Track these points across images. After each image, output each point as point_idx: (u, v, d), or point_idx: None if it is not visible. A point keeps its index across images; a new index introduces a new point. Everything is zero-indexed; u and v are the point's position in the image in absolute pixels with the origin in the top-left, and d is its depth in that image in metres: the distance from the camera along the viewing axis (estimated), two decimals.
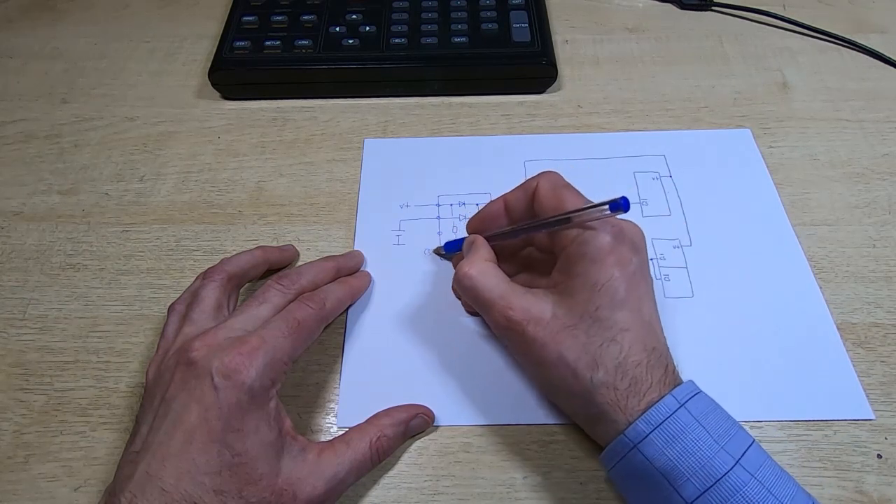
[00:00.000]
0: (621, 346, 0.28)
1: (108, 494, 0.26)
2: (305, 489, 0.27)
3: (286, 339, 0.29)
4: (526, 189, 0.32)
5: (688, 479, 0.25)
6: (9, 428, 0.33)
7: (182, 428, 0.26)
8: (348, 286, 0.36)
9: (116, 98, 0.50)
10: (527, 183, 0.33)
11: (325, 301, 0.32)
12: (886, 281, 0.38)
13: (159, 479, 0.25)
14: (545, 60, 0.47)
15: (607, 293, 0.28)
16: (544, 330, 0.29)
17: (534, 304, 0.29)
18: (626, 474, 0.28)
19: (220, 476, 0.25)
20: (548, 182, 0.32)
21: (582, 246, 0.29)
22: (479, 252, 0.32)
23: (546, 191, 0.31)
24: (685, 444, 0.26)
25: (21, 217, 0.42)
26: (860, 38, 0.52)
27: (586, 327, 0.28)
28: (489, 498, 0.31)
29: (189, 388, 0.27)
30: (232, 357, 0.27)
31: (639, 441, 0.26)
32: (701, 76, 0.50)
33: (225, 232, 0.41)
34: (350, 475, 0.29)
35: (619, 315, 0.28)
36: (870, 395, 0.33)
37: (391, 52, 0.48)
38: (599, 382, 0.27)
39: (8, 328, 0.37)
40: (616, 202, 0.27)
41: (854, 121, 0.46)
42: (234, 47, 0.48)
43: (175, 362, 0.28)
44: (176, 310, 0.32)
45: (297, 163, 0.45)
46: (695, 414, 0.26)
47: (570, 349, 0.28)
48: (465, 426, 0.33)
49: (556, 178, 0.32)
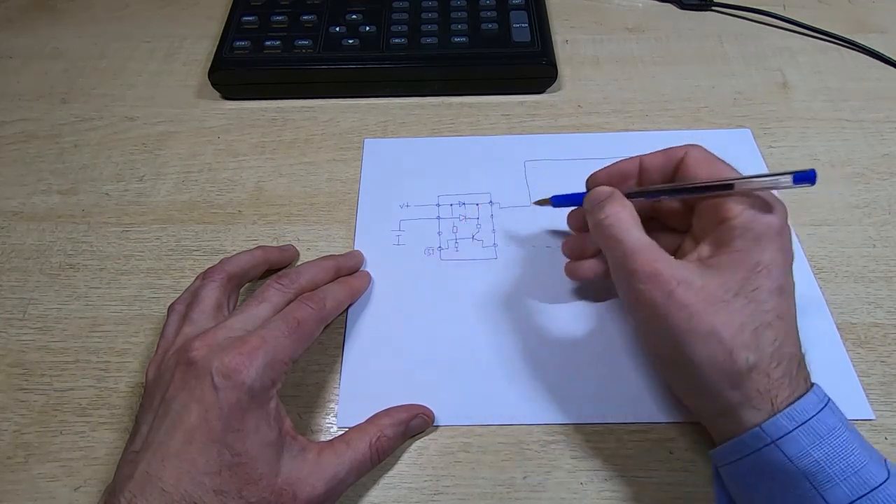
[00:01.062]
0: (777, 332, 0.26)
1: (107, 494, 0.26)
2: (305, 489, 0.27)
3: (286, 339, 0.29)
4: (669, 155, 0.31)
5: (837, 484, 0.24)
6: (9, 428, 0.33)
7: (182, 428, 0.26)
8: (348, 286, 0.36)
9: (116, 98, 0.50)
10: (671, 150, 0.31)
11: (326, 301, 0.32)
12: (886, 281, 0.38)
13: (159, 479, 0.25)
14: (545, 60, 0.47)
15: (770, 276, 0.26)
16: (696, 296, 0.26)
17: (681, 267, 0.27)
18: (750, 472, 0.26)
19: (219, 476, 0.25)
20: (699, 151, 0.30)
21: (749, 220, 0.27)
22: (623, 201, 0.30)
23: (699, 158, 0.30)
24: (835, 446, 0.24)
25: (21, 217, 0.42)
26: (860, 38, 0.52)
27: (741, 306, 0.26)
28: (489, 498, 0.31)
29: (189, 388, 0.26)
30: (232, 357, 0.27)
31: (779, 437, 0.25)
32: (701, 76, 0.50)
33: (225, 232, 0.41)
34: (350, 475, 0.29)
35: (777, 301, 0.26)
36: (870, 395, 0.33)
37: (391, 52, 0.48)
38: (754, 365, 0.25)
39: (8, 328, 0.37)
40: (804, 173, 0.24)
41: (854, 121, 0.46)
42: (234, 47, 0.48)
43: (175, 362, 0.28)
44: (176, 310, 0.32)
45: (297, 163, 0.45)
46: (838, 416, 0.25)
47: (726, 325, 0.26)
48: (465, 426, 0.33)
49: (705, 150, 0.31)
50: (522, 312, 0.37)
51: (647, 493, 0.31)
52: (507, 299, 0.37)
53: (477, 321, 0.36)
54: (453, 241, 0.40)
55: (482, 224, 0.41)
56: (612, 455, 0.32)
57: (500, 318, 0.36)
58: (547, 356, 0.35)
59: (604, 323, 0.36)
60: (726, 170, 0.29)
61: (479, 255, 0.39)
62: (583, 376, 0.34)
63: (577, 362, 0.35)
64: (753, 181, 0.27)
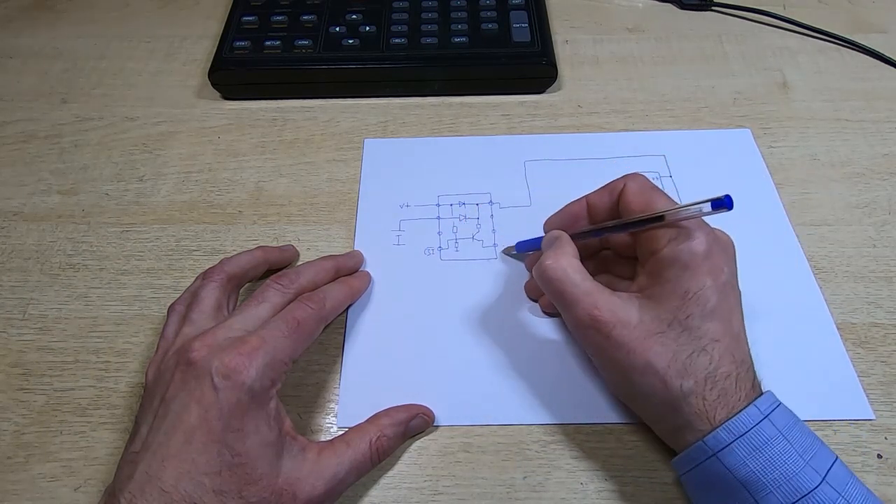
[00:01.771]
0: (711, 356, 0.27)
1: (107, 495, 0.26)
2: (305, 489, 0.27)
3: (286, 339, 0.29)
4: (611, 190, 0.32)
5: (770, 492, 0.25)
6: (9, 428, 0.33)
7: (182, 428, 0.26)
8: (348, 286, 0.36)
9: (116, 98, 0.50)
10: (612, 184, 0.32)
11: (325, 301, 0.32)
12: (886, 281, 0.38)
13: (159, 480, 0.25)
14: (545, 60, 0.47)
15: (699, 302, 0.28)
16: (631, 334, 0.28)
17: (620, 306, 0.29)
18: (700, 481, 0.27)
19: (219, 476, 0.25)
20: (635, 183, 0.31)
21: (675, 251, 0.28)
22: (564, 247, 0.31)
23: (634, 191, 0.31)
24: (769, 457, 0.25)
25: (21, 217, 0.42)
26: (860, 38, 0.52)
27: (675, 335, 0.28)
28: (489, 498, 0.31)
29: (189, 389, 0.27)
30: (232, 357, 0.27)
31: (719, 450, 0.26)
32: (701, 76, 0.50)
33: (225, 232, 0.41)
34: (350, 475, 0.29)
35: (710, 325, 0.28)
36: (870, 395, 0.33)
37: (391, 52, 0.48)
38: (689, 391, 0.27)
39: (8, 328, 0.37)
40: (719, 200, 0.26)
41: (854, 121, 0.46)
42: (234, 47, 0.48)
43: (175, 363, 0.28)
44: (176, 310, 0.32)
45: (297, 163, 0.45)
46: (779, 426, 0.26)
47: (659, 356, 0.27)
48: (465, 426, 0.33)
49: (643, 179, 0.31)
50: (522, 312, 0.37)
51: (647, 493, 0.31)
52: (507, 299, 0.37)
53: (477, 321, 0.36)
54: (453, 241, 0.40)
55: (482, 224, 0.41)
56: (612, 455, 0.32)
57: (500, 318, 0.36)
58: (547, 356, 0.35)
59: None
60: (661, 199, 0.30)
61: (479, 255, 0.39)
62: (583, 376, 0.34)
63: (578, 362, 0.35)
64: (680, 211, 0.28)
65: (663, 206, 0.29)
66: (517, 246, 0.38)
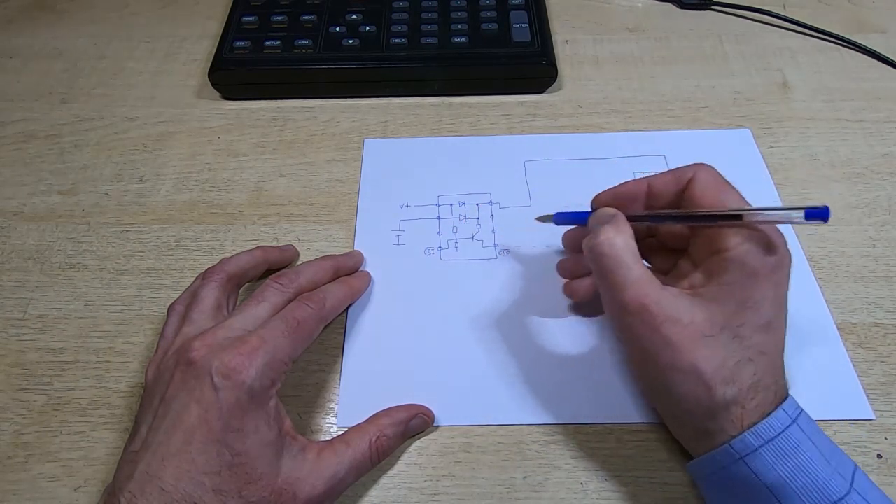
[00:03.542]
0: (756, 367, 0.27)
1: (107, 494, 0.26)
2: (305, 489, 0.27)
3: (286, 339, 0.29)
4: (678, 177, 0.30)
5: (799, 498, 0.25)
6: (9, 428, 0.33)
7: (181, 428, 0.26)
8: (348, 286, 0.36)
9: (116, 98, 0.50)
10: (679, 171, 0.30)
11: (325, 301, 0.32)
12: (886, 281, 0.38)
13: (159, 479, 0.25)
14: (545, 60, 0.47)
15: (757, 312, 0.27)
16: (680, 333, 0.27)
17: (671, 301, 0.27)
18: (722, 485, 0.27)
19: (219, 476, 0.25)
20: (707, 174, 0.29)
21: (744, 254, 0.27)
22: (621, 226, 0.29)
23: (706, 183, 0.29)
24: (798, 462, 0.25)
25: (21, 217, 0.42)
26: (860, 38, 0.52)
27: (725, 341, 0.27)
28: (489, 498, 0.31)
29: (189, 388, 0.27)
30: (232, 357, 0.27)
31: (746, 454, 0.26)
32: (701, 76, 0.50)
33: (225, 232, 0.41)
34: (350, 475, 0.29)
35: (761, 337, 0.27)
36: (870, 395, 0.33)
37: (391, 52, 0.48)
38: (732, 399, 0.26)
39: (8, 328, 0.37)
40: (817, 210, 0.24)
41: (854, 121, 0.46)
42: (234, 47, 0.48)
43: (174, 362, 0.28)
44: (175, 310, 0.32)
45: (297, 163, 0.45)
46: (806, 431, 0.26)
47: (706, 360, 0.26)
48: (465, 426, 0.33)
49: (715, 172, 0.30)
50: (522, 312, 0.37)
51: (647, 493, 0.31)
52: (507, 299, 0.37)
53: (477, 321, 0.36)
54: (453, 241, 0.40)
55: (482, 224, 0.41)
56: (612, 455, 0.32)
57: (500, 318, 0.36)
58: (547, 356, 0.35)
59: (604, 323, 0.36)
60: (733, 195, 0.29)
61: (479, 255, 0.39)
62: (583, 376, 0.34)
63: (577, 362, 0.35)
64: (762, 213, 0.26)
65: (736, 204, 0.28)
66: (556, 216, 0.35)
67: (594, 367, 0.34)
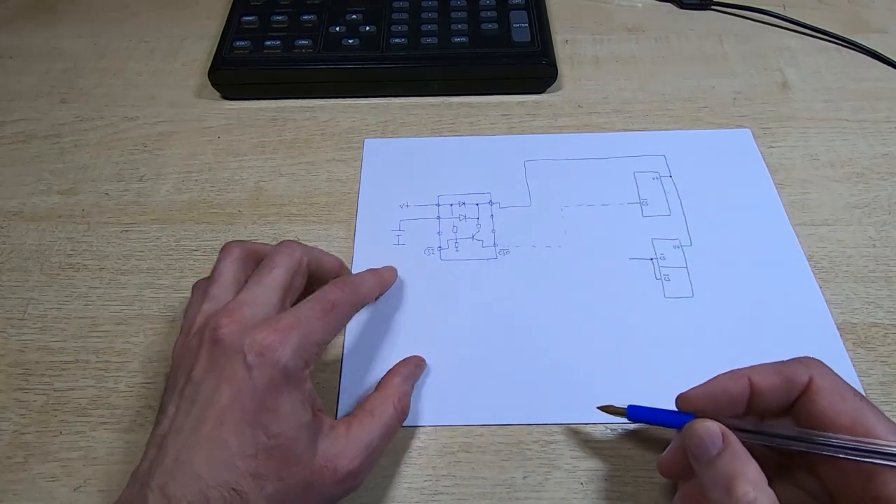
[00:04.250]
0: None
1: (138, 483, 0.25)
2: (344, 463, 0.26)
3: (319, 321, 0.28)
4: (788, 379, 0.25)
5: None
6: (8, 428, 0.33)
7: (212, 410, 0.25)
8: (378, 275, 0.35)
9: (116, 98, 0.50)
10: (786, 370, 0.25)
11: (359, 287, 0.32)
12: (886, 281, 0.38)
13: (191, 464, 0.24)
14: (545, 60, 0.47)
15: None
16: None
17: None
18: None
19: (255, 459, 0.24)
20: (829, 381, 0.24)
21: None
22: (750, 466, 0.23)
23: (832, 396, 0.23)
24: None
25: (21, 217, 0.42)
26: (860, 38, 0.52)
27: None
28: (489, 498, 0.31)
29: (218, 368, 0.25)
30: (266, 334, 0.26)
31: None
32: (701, 76, 0.50)
33: (225, 232, 0.41)
34: (382, 441, 0.29)
35: None
36: (870, 395, 0.33)
37: (391, 52, 0.48)
38: None
39: (8, 328, 0.37)
40: None
41: (854, 121, 0.46)
42: (234, 47, 0.48)
43: (199, 341, 0.27)
44: (199, 287, 0.31)
45: (296, 163, 0.45)
46: None
47: None
48: (465, 426, 0.33)
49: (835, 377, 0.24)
50: (522, 312, 0.37)
51: (647, 493, 0.31)
52: (507, 299, 0.37)
53: (477, 321, 0.36)
54: (453, 241, 0.40)
55: (482, 224, 0.41)
56: (612, 455, 0.32)
57: (499, 318, 0.36)
58: (547, 356, 0.35)
59: (605, 322, 0.36)
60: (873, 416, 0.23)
61: (479, 255, 0.39)
62: (583, 376, 0.34)
63: (577, 362, 0.35)
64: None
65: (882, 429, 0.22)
66: (630, 411, 0.29)
67: (594, 366, 0.34)
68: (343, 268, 0.35)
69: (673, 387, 0.29)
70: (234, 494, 0.24)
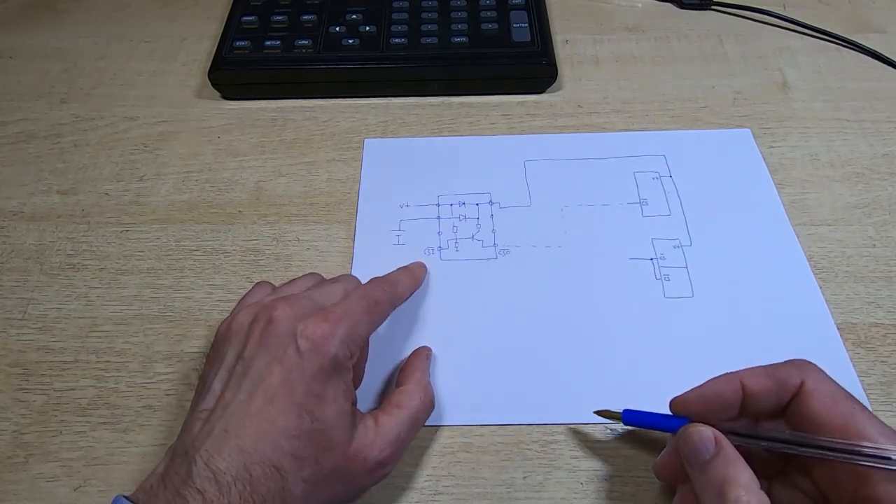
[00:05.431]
0: None
1: (178, 454, 0.25)
2: (373, 454, 0.27)
3: (364, 316, 0.29)
4: (779, 382, 0.25)
5: None
6: (8, 428, 0.33)
7: (263, 387, 0.26)
8: (411, 273, 0.36)
9: (116, 98, 0.50)
10: (779, 373, 0.25)
11: (397, 286, 0.33)
12: (886, 281, 0.38)
13: (238, 438, 0.24)
14: (545, 60, 0.47)
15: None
16: None
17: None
18: None
19: (298, 440, 0.25)
20: (822, 384, 0.24)
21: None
22: (742, 470, 0.23)
23: (824, 399, 0.24)
24: None
25: (21, 217, 0.42)
26: (860, 38, 0.52)
27: None
28: (489, 498, 0.31)
29: (271, 349, 0.27)
30: (318, 324, 0.27)
31: None
32: (701, 76, 0.50)
33: (225, 232, 0.41)
34: (410, 433, 0.30)
35: None
36: (870, 395, 0.33)
37: (391, 52, 0.48)
38: None
39: (8, 328, 0.37)
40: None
41: (854, 121, 0.46)
42: (234, 47, 0.48)
43: (251, 318, 0.28)
44: (264, 283, 0.33)
45: (297, 163, 0.45)
46: None
47: None
48: (465, 426, 0.33)
49: (829, 380, 0.25)
50: (522, 312, 0.37)
51: (647, 493, 0.31)
52: (507, 299, 0.37)
53: (477, 321, 0.36)
54: (453, 241, 0.40)
55: (482, 224, 0.41)
56: (612, 455, 0.32)
57: (499, 318, 0.36)
58: (547, 356, 0.35)
59: (604, 323, 0.36)
60: (864, 417, 0.23)
61: (479, 255, 0.39)
62: (583, 376, 0.34)
63: (577, 362, 0.35)
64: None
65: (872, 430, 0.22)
66: (625, 416, 0.30)
67: (594, 366, 0.34)
68: None
69: (672, 386, 0.29)
70: (275, 472, 0.24)
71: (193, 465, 0.24)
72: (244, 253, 0.40)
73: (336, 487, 0.27)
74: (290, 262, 0.39)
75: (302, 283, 0.33)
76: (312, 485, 0.25)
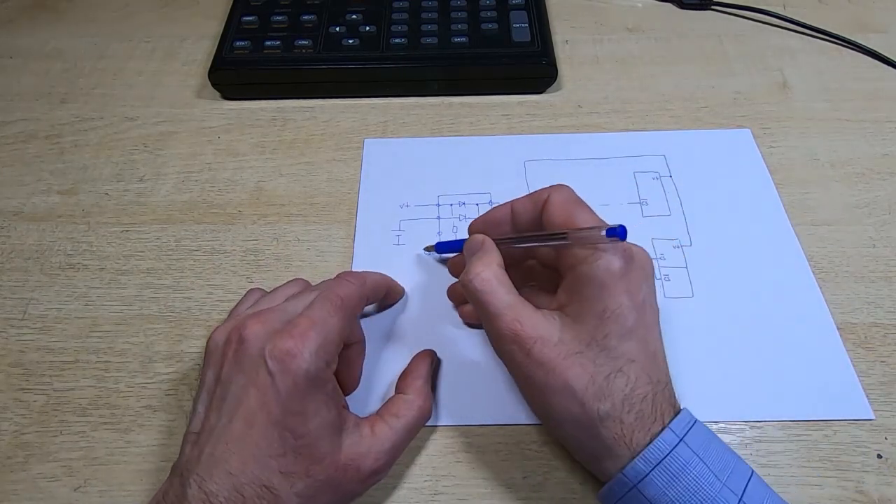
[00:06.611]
0: (628, 377, 0.27)
1: (177, 475, 0.26)
2: (367, 463, 0.27)
3: (333, 318, 0.28)
4: (535, 200, 0.31)
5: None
6: (9, 428, 0.33)
7: (241, 412, 0.26)
8: (382, 274, 0.36)
9: (116, 98, 0.50)
10: (536, 193, 0.31)
11: (366, 279, 0.33)
12: (886, 281, 0.38)
13: (225, 462, 0.25)
14: (545, 60, 0.47)
15: (616, 321, 0.27)
16: (551, 352, 0.27)
17: (541, 322, 0.28)
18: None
19: (285, 458, 0.26)
20: (560, 195, 0.30)
21: (591, 268, 0.27)
22: (491, 255, 0.30)
23: (557, 204, 0.30)
24: (687, 483, 0.25)
25: (21, 217, 0.42)
26: (860, 38, 0.52)
27: (593, 355, 0.27)
28: (489, 498, 0.31)
29: (245, 371, 0.27)
30: (284, 341, 0.26)
31: (638, 481, 0.26)
32: (701, 76, 0.50)
33: (225, 232, 0.41)
34: (406, 440, 0.30)
35: (627, 345, 0.27)
36: (870, 395, 0.33)
37: (391, 52, 0.48)
38: (606, 415, 0.26)
39: (8, 328, 0.37)
40: (613, 229, 0.26)
41: (854, 121, 0.46)
42: (234, 47, 0.48)
43: (226, 338, 0.28)
44: (253, 292, 0.33)
45: (296, 163, 0.45)
46: (694, 448, 0.26)
47: (577, 377, 0.27)
48: (465, 426, 0.33)
49: (568, 192, 0.30)
50: None
51: None
52: None
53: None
54: None
55: None
56: None
57: None
58: None
59: None
60: (583, 214, 0.29)
61: None
62: None
63: None
64: (580, 233, 0.27)
65: (584, 222, 0.28)
66: (437, 246, 0.38)
67: None
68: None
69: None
70: (266, 491, 0.25)
71: (188, 488, 0.25)
72: (244, 253, 0.40)
73: (331, 497, 0.27)
74: (290, 262, 0.39)
75: (284, 291, 0.32)
76: (307, 498, 0.26)
